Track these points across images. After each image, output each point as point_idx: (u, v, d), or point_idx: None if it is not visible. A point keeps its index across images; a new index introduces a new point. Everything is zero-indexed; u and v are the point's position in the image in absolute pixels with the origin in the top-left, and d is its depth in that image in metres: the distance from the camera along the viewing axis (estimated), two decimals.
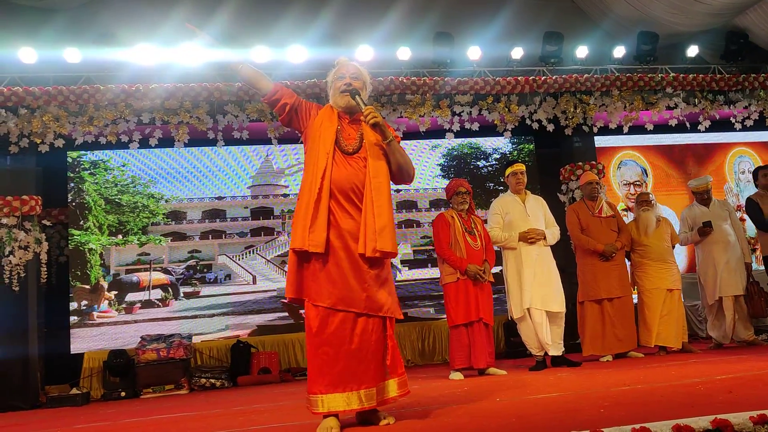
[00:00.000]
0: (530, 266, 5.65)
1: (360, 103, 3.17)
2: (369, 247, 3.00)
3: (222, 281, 8.25)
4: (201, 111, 7.33)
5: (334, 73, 3.35)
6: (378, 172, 3.13)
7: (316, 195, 3.03)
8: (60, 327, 7.60)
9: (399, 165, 3.22)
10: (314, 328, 3.01)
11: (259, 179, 8.58)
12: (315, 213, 3.02)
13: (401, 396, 3.14)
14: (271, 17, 8.16)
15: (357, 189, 3.09)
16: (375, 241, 3.00)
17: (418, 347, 7.91)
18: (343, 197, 3.08)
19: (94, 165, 8.06)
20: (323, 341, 2.99)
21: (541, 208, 5.93)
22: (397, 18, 8.34)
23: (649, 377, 4.17)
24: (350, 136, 3.20)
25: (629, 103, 8.21)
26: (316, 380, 2.99)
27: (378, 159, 3.17)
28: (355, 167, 3.12)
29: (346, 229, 3.05)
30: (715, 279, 6.51)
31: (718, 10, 8.34)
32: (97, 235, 7.92)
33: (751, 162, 9.53)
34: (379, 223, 3.02)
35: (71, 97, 7.02)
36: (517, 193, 5.94)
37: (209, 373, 7.09)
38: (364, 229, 3.03)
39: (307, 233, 3.00)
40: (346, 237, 3.05)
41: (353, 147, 3.17)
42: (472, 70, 8.07)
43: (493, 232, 5.87)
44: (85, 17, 7.90)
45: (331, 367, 2.96)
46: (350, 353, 2.98)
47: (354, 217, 3.07)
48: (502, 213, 5.88)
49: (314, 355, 3.01)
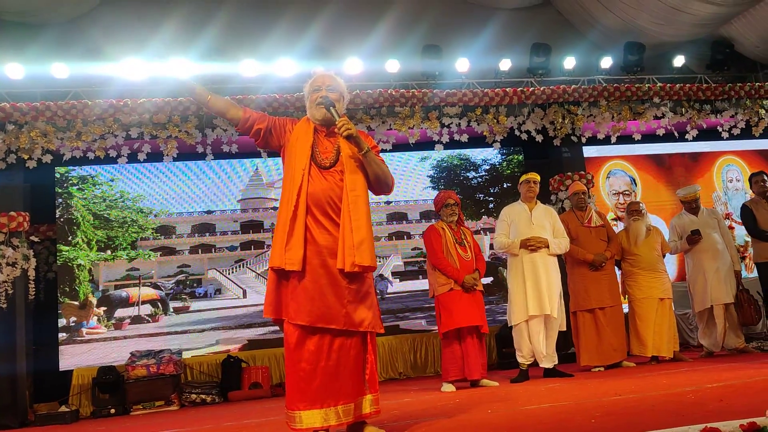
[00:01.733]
0: (531, 274, 5.66)
1: (334, 114, 3.13)
2: (347, 261, 2.98)
3: (212, 295, 8.20)
4: (190, 125, 7.31)
5: (310, 85, 3.32)
6: (355, 185, 3.10)
7: (292, 212, 3.01)
8: (49, 344, 7.53)
9: (376, 175, 3.19)
10: (292, 345, 3.00)
11: (248, 192, 8.56)
12: (291, 230, 3.00)
13: (373, 414, 3.11)
14: (259, 31, 8.18)
15: (334, 203, 3.07)
16: (353, 256, 2.98)
17: (411, 359, 7.87)
18: (320, 212, 3.05)
19: (83, 180, 8.02)
20: (301, 357, 2.98)
21: (550, 217, 5.94)
22: (386, 31, 8.38)
23: (640, 387, 4.17)
24: (327, 150, 3.17)
25: (617, 113, 8.26)
26: (294, 396, 2.98)
27: (354, 172, 3.14)
28: (332, 181, 3.10)
29: (323, 245, 3.03)
30: (705, 287, 6.52)
31: (703, 20, 8.42)
32: (86, 250, 7.87)
33: (739, 170, 9.60)
34: (357, 238, 3.00)
35: (59, 112, 6.99)
36: (527, 201, 5.96)
37: (200, 389, 7.03)
38: (342, 244, 3.01)
39: (283, 251, 2.99)
40: (324, 253, 3.03)
41: (330, 161, 3.14)
42: (461, 82, 8.10)
43: (498, 239, 5.93)
44: (73, 32, 7.89)
45: (309, 384, 2.95)
46: (328, 369, 2.97)
47: (331, 232, 3.05)
48: (508, 220, 5.93)
49: (292, 371, 2.99)
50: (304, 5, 8.46)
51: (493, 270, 8.30)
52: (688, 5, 8.11)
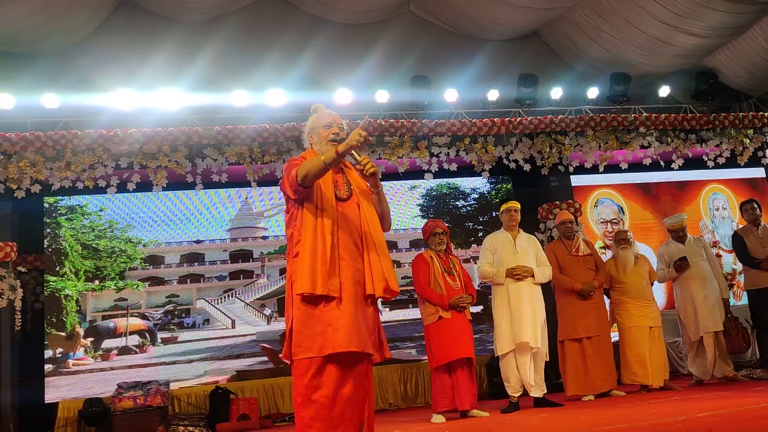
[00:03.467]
0: (517, 303, 5.66)
1: (355, 154, 3.15)
2: (379, 287, 3.06)
3: (200, 326, 8.15)
4: (179, 155, 7.33)
5: (316, 119, 3.35)
6: (373, 217, 3.22)
7: (331, 241, 3.03)
8: (34, 376, 7.41)
9: (383, 213, 3.32)
10: (311, 373, 2.97)
11: (238, 222, 8.56)
12: (332, 258, 3.03)
13: None
14: (250, 62, 8.24)
15: (357, 233, 3.15)
16: (386, 281, 3.06)
17: (401, 390, 7.80)
18: (348, 242, 3.11)
19: (71, 210, 7.99)
20: (321, 384, 2.97)
21: (533, 246, 5.96)
22: (375, 62, 8.47)
23: (630, 416, 4.16)
24: (339, 183, 3.25)
25: (604, 142, 8.35)
26: (314, 425, 2.94)
27: (370, 205, 3.25)
28: (351, 213, 3.18)
29: (352, 273, 3.08)
30: (696, 316, 6.53)
31: (687, 51, 8.57)
32: (74, 281, 7.81)
33: (725, 199, 9.69)
34: (387, 264, 3.10)
35: (48, 142, 6.99)
36: (510, 230, 5.98)
37: (187, 421, 6.93)
38: (370, 270, 3.08)
39: (326, 278, 2.98)
40: (353, 281, 3.06)
41: (346, 194, 3.23)
42: (449, 112, 8.19)
43: (482, 268, 5.91)
44: (64, 63, 7.92)
45: (329, 410, 2.95)
46: (345, 395, 3.01)
47: (357, 259, 3.11)
48: (492, 249, 5.91)
49: (307, 400, 2.96)
50: (294, 36, 8.53)
51: (484, 299, 8.30)
52: (673, 37, 8.26)
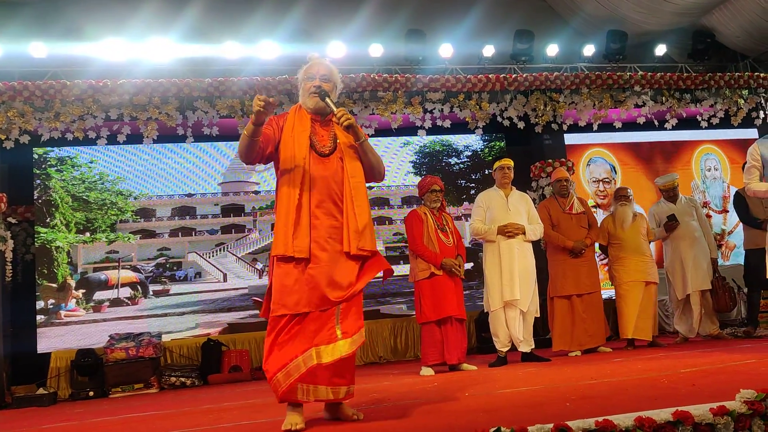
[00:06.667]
0: (508, 260, 5.70)
1: (330, 105, 3.16)
2: (353, 245, 3.04)
3: (192, 279, 8.17)
4: (170, 107, 7.25)
5: (304, 72, 3.31)
6: (355, 172, 3.16)
7: (297, 200, 3.03)
8: (26, 326, 7.46)
9: (371, 164, 3.26)
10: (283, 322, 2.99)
11: (229, 176, 8.52)
12: (297, 218, 3.02)
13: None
14: (241, 13, 8.10)
15: (336, 190, 3.11)
16: (357, 240, 3.04)
17: (390, 344, 7.91)
18: (324, 199, 3.08)
19: (61, 161, 7.93)
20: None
21: (525, 204, 5.98)
22: (369, 14, 8.33)
23: (615, 371, 4.23)
24: (323, 138, 3.21)
25: (598, 101, 8.31)
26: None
27: (353, 160, 3.19)
28: (332, 169, 3.14)
29: (328, 230, 3.06)
30: (684, 275, 6.60)
31: (685, 9, 8.47)
32: (64, 232, 7.80)
33: (717, 159, 9.70)
34: (361, 223, 3.07)
35: (37, 92, 6.90)
36: (503, 187, 5.99)
37: (179, 372, 7.02)
38: (347, 229, 3.06)
39: (290, 240, 2.99)
40: (327, 239, 3.05)
41: (329, 148, 3.18)
42: (444, 68, 8.10)
43: (474, 225, 5.93)
44: (52, 11, 7.76)
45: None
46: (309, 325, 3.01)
47: (336, 217, 3.09)
48: (484, 206, 5.94)
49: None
50: None
51: (474, 255, 8.34)
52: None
